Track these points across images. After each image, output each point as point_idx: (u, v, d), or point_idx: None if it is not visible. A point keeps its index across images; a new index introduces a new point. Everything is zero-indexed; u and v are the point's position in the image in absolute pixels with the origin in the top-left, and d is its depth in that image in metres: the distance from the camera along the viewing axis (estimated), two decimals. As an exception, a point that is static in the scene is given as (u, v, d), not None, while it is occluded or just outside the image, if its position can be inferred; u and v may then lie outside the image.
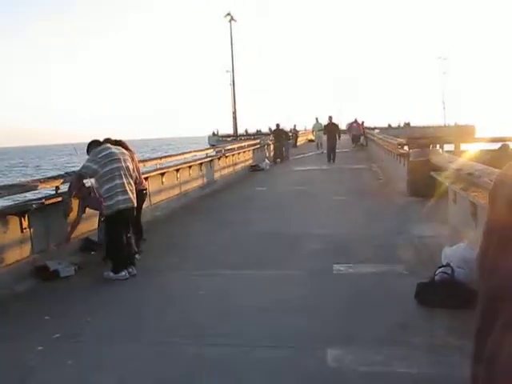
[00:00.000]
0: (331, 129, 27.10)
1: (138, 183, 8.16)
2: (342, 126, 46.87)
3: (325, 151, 27.58)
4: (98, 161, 7.26)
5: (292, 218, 11.45)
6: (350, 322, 5.37)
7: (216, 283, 7.06)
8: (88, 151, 7.69)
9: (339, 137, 28.75)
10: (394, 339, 4.88)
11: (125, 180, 7.38)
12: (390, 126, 65.68)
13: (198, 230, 10.65)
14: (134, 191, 7.61)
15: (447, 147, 15.55)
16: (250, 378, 4.33)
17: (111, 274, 7.25)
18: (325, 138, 27.91)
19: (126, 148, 8.11)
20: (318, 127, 32.60)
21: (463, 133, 53.03)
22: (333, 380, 4.22)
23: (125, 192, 7.35)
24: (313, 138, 38.13)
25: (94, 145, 7.72)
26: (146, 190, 9.22)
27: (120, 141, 8.39)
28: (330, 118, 28.04)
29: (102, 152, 7.36)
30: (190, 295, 6.56)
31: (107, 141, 7.85)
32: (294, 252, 8.38)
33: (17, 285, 6.92)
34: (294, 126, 44.19)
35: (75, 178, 7.74)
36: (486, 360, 1.42)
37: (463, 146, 16.04)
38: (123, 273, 7.24)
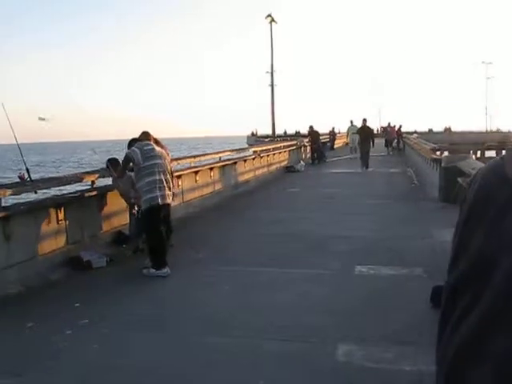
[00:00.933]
0: (365, 132, 24.89)
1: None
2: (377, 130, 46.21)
3: (359, 155, 25.53)
4: (143, 152, 7.48)
5: (321, 219, 11.61)
6: (364, 320, 5.55)
7: (241, 279, 7.30)
8: (129, 147, 7.89)
9: (373, 141, 26.70)
10: (404, 339, 5.05)
11: (163, 177, 7.58)
12: (430, 130, 64.54)
13: (228, 228, 10.94)
14: (171, 189, 7.81)
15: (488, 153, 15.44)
16: (263, 368, 4.56)
17: (152, 270, 7.38)
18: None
19: (162, 147, 8.42)
20: (352, 130, 29.68)
21: (505, 139, 52.02)
22: (340, 373, 4.42)
23: (163, 188, 7.54)
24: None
25: (140, 138, 7.91)
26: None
27: (156, 139, 8.73)
28: (365, 120, 25.32)
29: (147, 146, 7.59)
30: (214, 289, 6.83)
31: (147, 135, 7.98)
32: (319, 252, 8.58)
33: (52, 273, 7.31)
34: (333, 128, 43.98)
35: (124, 160, 7.90)
36: None
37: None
38: (164, 269, 7.40)
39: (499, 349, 0.85)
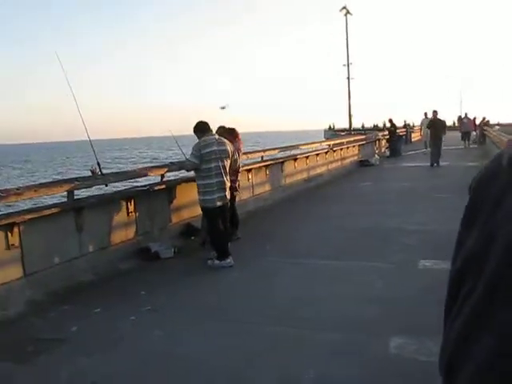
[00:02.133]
0: (436, 125, 22.42)
1: (235, 175, 8.62)
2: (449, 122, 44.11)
3: (429, 150, 23.38)
4: (200, 156, 7.61)
5: (390, 213, 11.48)
6: (420, 314, 5.48)
7: (303, 271, 7.38)
8: (195, 132, 7.88)
9: (444, 134, 23.47)
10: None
11: (222, 178, 7.72)
12: (515, 122, 61.64)
13: (296, 221, 11.02)
14: (228, 187, 7.92)
15: None
16: (315, 358, 4.64)
17: (216, 261, 7.64)
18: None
19: (236, 136, 8.60)
20: (426, 123, 26.86)
21: None
22: (391, 365, 4.43)
23: (221, 190, 7.73)
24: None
25: (200, 129, 7.84)
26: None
27: (233, 130, 8.93)
28: (435, 112, 22.71)
29: (206, 148, 7.64)
30: (276, 281, 6.95)
31: (206, 128, 7.90)
32: (384, 245, 8.53)
33: (121, 263, 7.66)
34: (407, 123, 42.88)
35: (177, 167, 8.20)
36: None
37: None
38: (228, 260, 7.64)
39: (503, 322, 0.87)
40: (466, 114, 37.04)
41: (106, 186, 7.90)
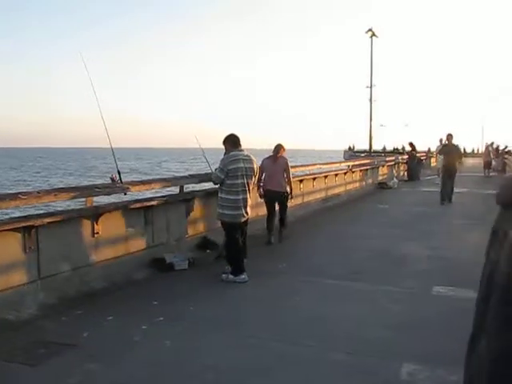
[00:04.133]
0: (451, 152, 18.36)
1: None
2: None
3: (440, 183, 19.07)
4: (226, 171, 7.62)
5: (405, 237, 11.42)
6: (433, 341, 5.44)
7: (316, 290, 7.35)
8: (224, 143, 7.87)
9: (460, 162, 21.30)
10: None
11: (245, 195, 7.74)
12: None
13: (312, 240, 11.06)
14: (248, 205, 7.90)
15: None
16: (323, 378, 4.61)
17: (231, 276, 7.63)
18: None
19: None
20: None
21: None
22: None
23: (242, 207, 7.72)
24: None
25: (231, 142, 7.85)
26: None
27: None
28: (450, 136, 18.56)
29: (232, 164, 7.63)
30: (288, 299, 6.92)
31: (236, 143, 7.87)
32: (399, 269, 8.49)
33: (135, 272, 7.69)
34: (429, 148, 42.64)
35: (196, 180, 8.23)
36: None
37: None
38: (242, 276, 7.63)
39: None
40: (492, 143, 36.53)
41: (125, 194, 7.95)
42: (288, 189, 10.61)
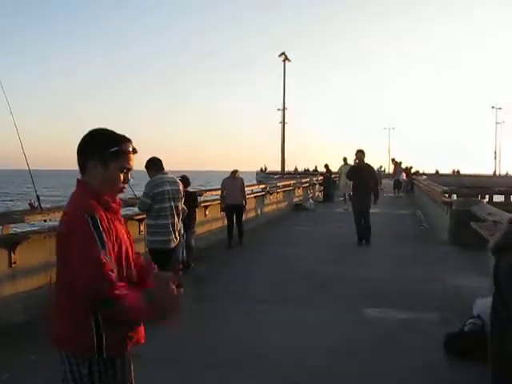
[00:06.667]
0: (361, 175, 13.80)
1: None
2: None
3: (350, 209, 16.20)
4: (152, 195, 7.27)
5: (327, 258, 11.48)
6: (371, 365, 5.42)
7: (240, 316, 7.21)
8: (147, 167, 7.52)
9: (378, 185, 15.82)
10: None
11: (173, 219, 7.38)
12: (437, 172, 63.44)
13: (232, 264, 10.98)
14: (178, 229, 7.60)
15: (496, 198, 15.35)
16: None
17: None
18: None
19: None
20: (345, 171, 18.38)
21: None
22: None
23: (171, 232, 7.35)
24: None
25: (154, 166, 7.51)
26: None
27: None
28: (360, 153, 13.95)
29: (158, 188, 7.30)
30: (210, 324, 6.83)
31: (158, 166, 7.55)
32: (326, 292, 8.47)
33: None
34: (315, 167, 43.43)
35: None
36: None
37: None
38: None
39: None
40: (400, 163, 37.50)
41: (45, 221, 7.46)
42: (243, 202, 13.35)
